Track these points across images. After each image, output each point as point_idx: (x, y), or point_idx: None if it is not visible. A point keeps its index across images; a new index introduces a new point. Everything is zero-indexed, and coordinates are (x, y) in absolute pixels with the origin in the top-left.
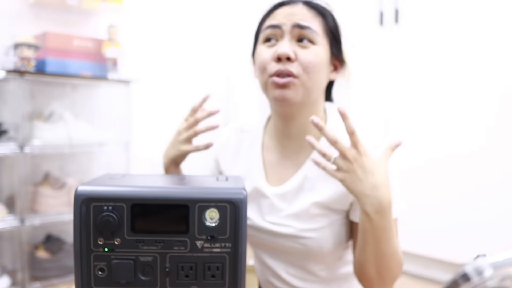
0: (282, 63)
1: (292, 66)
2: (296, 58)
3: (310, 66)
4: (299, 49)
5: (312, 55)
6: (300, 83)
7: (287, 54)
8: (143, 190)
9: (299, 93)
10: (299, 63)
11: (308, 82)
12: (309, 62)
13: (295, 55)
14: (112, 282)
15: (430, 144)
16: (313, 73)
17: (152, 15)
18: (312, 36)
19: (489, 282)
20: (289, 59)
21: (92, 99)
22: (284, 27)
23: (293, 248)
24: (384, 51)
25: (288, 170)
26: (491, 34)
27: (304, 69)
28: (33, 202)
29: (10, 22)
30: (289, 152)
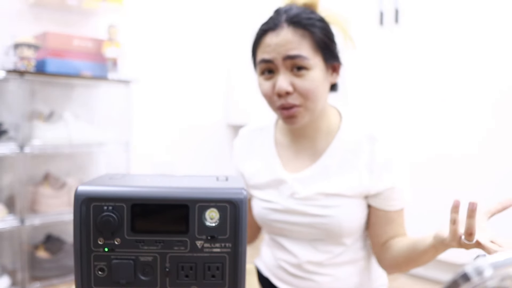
0: (283, 98)
1: (293, 98)
2: (294, 89)
3: (309, 94)
4: (296, 79)
5: (309, 83)
6: (304, 109)
7: (284, 90)
8: (143, 190)
9: (306, 116)
10: (298, 93)
11: (312, 105)
12: (308, 91)
13: (293, 86)
14: (112, 282)
15: (429, 144)
16: (314, 97)
17: (152, 15)
18: (304, 62)
19: (489, 282)
20: (288, 93)
21: (92, 99)
22: (276, 62)
23: (314, 226)
24: (384, 51)
25: (305, 161)
26: (491, 34)
27: (304, 98)
28: (33, 202)
29: (10, 22)
30: (304, 147)
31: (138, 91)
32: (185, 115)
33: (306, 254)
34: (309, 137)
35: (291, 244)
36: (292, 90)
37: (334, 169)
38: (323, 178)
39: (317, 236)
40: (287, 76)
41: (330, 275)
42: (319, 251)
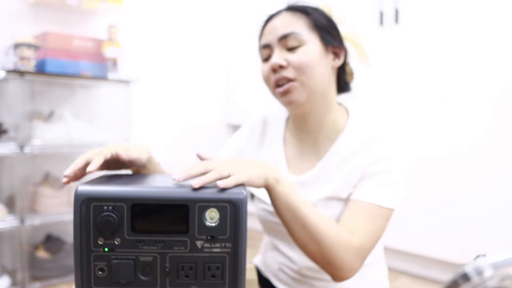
0: (278, 73)
1: (287, 72)
2: (288, 64)
3: (303, 66)
4: (289, 55)
5: (301, 56)
6: (300, 84)
7: (277, 63)
8: (143, 190)
9: (303, 93)
10: (292, 67)
11: (308, 81)
12: (301, 63)
13: (286, 61)
14: (112, 282)
15: (429, 144)
16: (308, 71)
17: (152, 15)
18: (297, 38)
19: (489, 282)
20: (282, 67)
21: (92, 99)
22: (272, 43)
23: None
24: (384, 51)
25: (308, 162)
26: (491, 34)
27: (298, 70)
28: (33, 202)
29: (10, 22)
30: (308, 146)
31: (138, 91)
32: (185, 115)
33: (304, 260)
34: (313, 132)
35: (289, 250)
36: (286, 64)
37: (334, 171)
38: (323, 181)
39: None
40: (281, 53)
41: (330, 281)
42: None
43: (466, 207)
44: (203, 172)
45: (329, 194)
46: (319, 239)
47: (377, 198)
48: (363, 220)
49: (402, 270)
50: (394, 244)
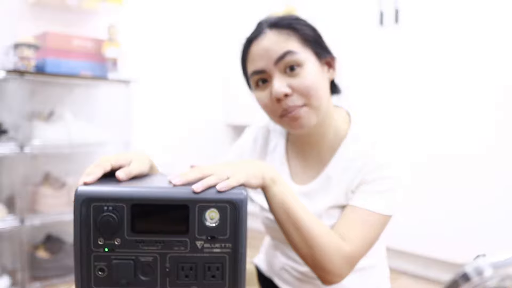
0: (284, 102)
1: (293, 100)
2: (293, 90)
3: (309, 90)
4: (292, 80)
5: (304, 80)
6: (309, 108)
7: (282, 92)
8: (143, 190)
9: (313, 117)
10: (297, 93)
11: (316, 102)
12: (306, 87)
13: (290, 87)
14: (112, 282)
15: (430, 145)
16: (315, 93)
17: (152, 15)
18: (295, 58)
19: (489, 282)
20: (287, 95)
21: (92, 99)
22: (267, 68)
23: None
24: (384, 51)
25: (311, 172)
26: (491, 33)
27: (305, 96)
28: (33, 202)
29: (10, 22)
30: (311, 156)
31: (138, 91)
32: (185, 115)
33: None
34: (316, 143)
35: (293, 253)
36: (290, 92)
37: (336, 180)
38: (326, 191)
39: None
40: (282, 79)
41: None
42: None
43: (466, 207)
44: (199, 177)
45: (332, 203)
46: (311, 244)
47: (372, 205)
48: (356, 226)
49: (403, 270)
50: (394, 244)
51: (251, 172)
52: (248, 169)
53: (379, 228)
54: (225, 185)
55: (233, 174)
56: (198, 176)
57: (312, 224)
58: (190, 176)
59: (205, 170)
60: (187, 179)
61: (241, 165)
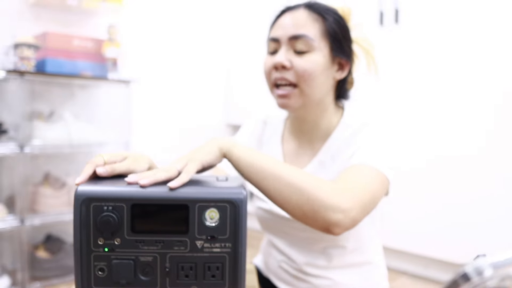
0: (280, 72)
1: (288, 74)
2: (291, 66)
3: (306, 74)
4: (295, 57)
5: (307, 63)
6: (299, 91)
7: (281, 63)
8: (143, 190)
9: (299, 100)
10: (294, 71)
11: (307, 89)
12: (304, 70)
13: (291, 63)
14: (112, 282)
15: (429, 144)
16: (310, 80)
17: (152, 15)
18: (308, 43)
19: (489, 282)
20: (285, 67)
21: (92, 99)
22: (281, 39)
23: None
24: (384, 51)
25: (304, 158)
26: (491, 34)
27: (300, 77)
28: (33, 202)
29: (10, 22)
30: (304, 143)
31: (138, 91)
32: (185, 115)
33: (304, 258)
34: (308, 131)
35: (288, 248)
36: (289, 66)
37: (329, 164)
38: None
39: (315, 239)
40: (288, 53)
41: (329, 278)
42: (318, 255)
43: (466, 207)
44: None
45: None
46: (299, 187)
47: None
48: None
49: (402, 270)
50: (394, 244)
51: (205, 151)
52: (201, 152)
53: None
54: (176, 183)
55: (185, 166)
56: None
57: (291, 170)
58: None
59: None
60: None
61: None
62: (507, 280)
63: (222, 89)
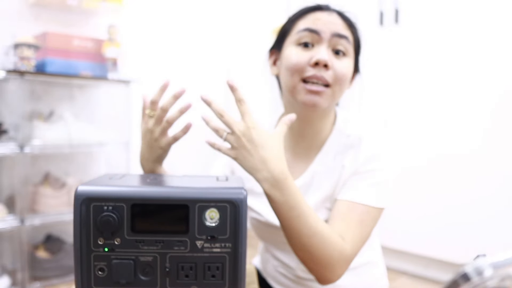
0: (318, 69)
1: (327, 74)
2: (331, 67)
3: (343, 78)
4: (334, 59)
5: (345, 67)
6: (331, 93)
7: (325, 61)
8: (143, 190)
9: (327, 101)
10: (333, 72)
11: (338, 92)
12: (343, 74)
13: (331, 63)
14: (112, 282)
15: (429, 144)
16: (343, 84)
17: (152, 15)
18: (347, 46)
19: (489, 282)
20: (326, 66)
21: (92, 99)
22: (323, 35)
23: None
24: (384, 51)
25: (299, 167)
26: (491, 34)
27: (337, 79)
28: (33, 202)
29: (10, 22)
30: (300, 150)
31: (138, 91)
32: (185, 115)
33: (299, 264)
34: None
35: (283, 255)
36: (331, 65)
37: (323, 176)
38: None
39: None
40: (328, 51)
41: None
42: None
43: (466, 207)
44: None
45: (320, 200)
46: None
47: (369, 199)
48: (355, 224)
49: (402, 270)
50: (394, 244)
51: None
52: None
53: (374, 222)
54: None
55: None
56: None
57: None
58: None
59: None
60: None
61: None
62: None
63: (222, 89)
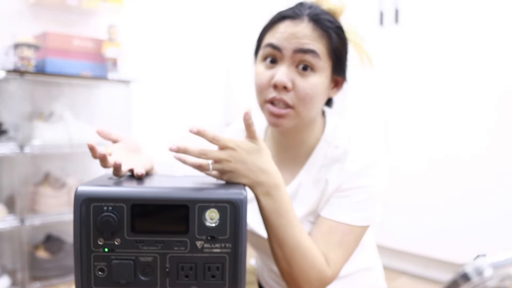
0: (278, 91)
1: (288, 96)
2: (293, 87)
3: (307, 98)
4: (298, 78)
5: (310, 86)
6: (295, 114)
7: (283, 83)
8: (143, 190)
9: (293, 122)
10: (295, 93)
11: (304, 112)
12: (306, 94)
13: (293, 84)
14: (112, 283)
15: (430, 145)
16: (309, 103)
17: (152, 15)
18: (314, 62)
19: (489, 282)
20: (286, 88)
21: (92, 99)
22: (285, 52)
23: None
24: (384, 51)
25: (285, 176)
26: (491, 34)
27: (300, 100)
28: (33, 202)
29: (10, 22)
30: (285, 160)
31: (138, 91)
32: (185, 115)
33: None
34: (293, 147)
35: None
36: (290, 87)
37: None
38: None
39: None
40: (290, 70)
41: None
42: None
43: (466, 207)
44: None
45: (304, 213)
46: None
47: (351, 218)
48: (339, 246)
49: (402, 270)
50: (394, 244)
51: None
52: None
53: (358, 240)
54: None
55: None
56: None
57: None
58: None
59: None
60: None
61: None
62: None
63: (222, 89)
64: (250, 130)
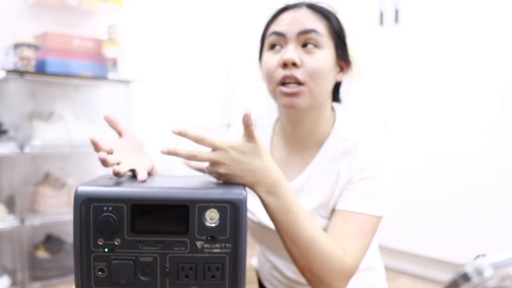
0: (288, 69)
1: (298, 72)
2: (301, 64)
3: (316, 73)
4: (305, 55)
5: (317, 61)
6: (308, 90)
7: (292, 59)
8: (143, 190)
9: (307, 100)
10: (304, 69)
11: (315, 88)
12: (315, 69)
13: (301, 61)
14: (112, 283)
15: (430, 144)
16: (319, 79)
17: (152, 15)
18: (317, 39)
19: (489, 282)
20: (295, 64)
21: (92, 99)
22: (289, 35)
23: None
24: (384, 51)
25: (294, 168)
26: (492, 34)
27: (310, 76)
28: (33, 202)
29: (10, 22)
30: (296, 151)
31: (138, 91)
32: (185, 115)
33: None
34: (302, 138)
35: (276, 259)
36: (299, 63)
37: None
38: (308, 192)
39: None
40: (297, 49)
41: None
42: None
43: (466, 207)
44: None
45: (314, 206)
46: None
47: (366, 207)
48: (355, 235)
49: (402, 270)
50: (394, 244)
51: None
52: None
53: (374, 231)
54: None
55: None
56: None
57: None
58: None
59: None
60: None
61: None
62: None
63: (222, 89)
64: (248, 130)
